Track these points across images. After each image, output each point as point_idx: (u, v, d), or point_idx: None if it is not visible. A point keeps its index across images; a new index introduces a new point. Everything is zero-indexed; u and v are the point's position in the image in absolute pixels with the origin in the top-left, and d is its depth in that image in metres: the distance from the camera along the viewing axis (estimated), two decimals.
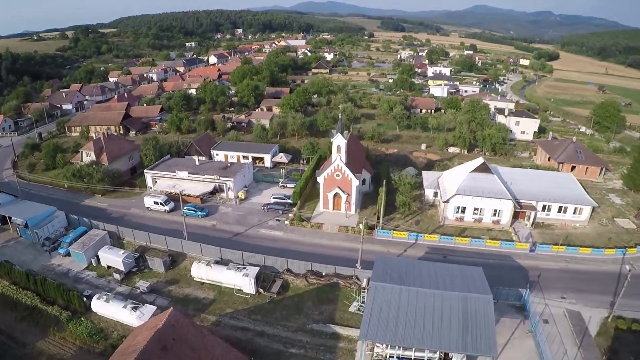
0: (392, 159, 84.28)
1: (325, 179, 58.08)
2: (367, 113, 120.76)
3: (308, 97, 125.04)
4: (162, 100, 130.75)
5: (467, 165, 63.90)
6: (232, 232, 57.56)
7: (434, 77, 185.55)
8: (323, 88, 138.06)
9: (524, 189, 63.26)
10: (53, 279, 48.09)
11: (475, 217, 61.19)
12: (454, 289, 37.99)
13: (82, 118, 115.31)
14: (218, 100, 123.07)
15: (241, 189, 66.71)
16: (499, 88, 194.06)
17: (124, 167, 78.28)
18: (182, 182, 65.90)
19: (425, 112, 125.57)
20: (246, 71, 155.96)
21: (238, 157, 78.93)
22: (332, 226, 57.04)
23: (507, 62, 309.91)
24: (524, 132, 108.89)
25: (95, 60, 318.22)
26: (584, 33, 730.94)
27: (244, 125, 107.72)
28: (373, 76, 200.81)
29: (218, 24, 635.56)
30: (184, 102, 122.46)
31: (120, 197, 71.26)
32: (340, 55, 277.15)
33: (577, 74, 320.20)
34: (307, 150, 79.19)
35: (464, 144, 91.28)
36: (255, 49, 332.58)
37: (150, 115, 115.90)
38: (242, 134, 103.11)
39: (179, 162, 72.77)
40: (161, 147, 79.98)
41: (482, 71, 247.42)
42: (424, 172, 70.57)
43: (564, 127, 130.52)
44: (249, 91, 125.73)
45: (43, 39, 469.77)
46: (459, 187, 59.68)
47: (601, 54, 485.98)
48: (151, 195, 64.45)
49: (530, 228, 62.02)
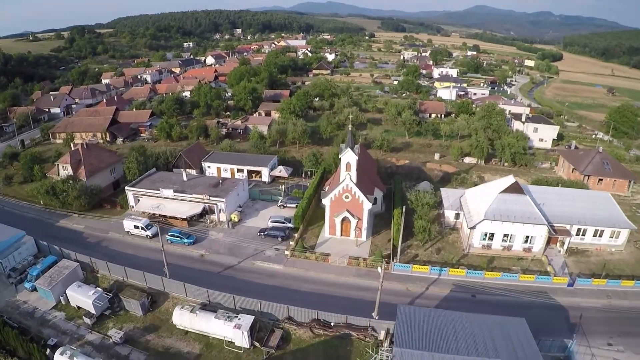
0: (403, 171, 76.07)
1: (332, 201, 49.92)
2: (373, 118, 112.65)
3: (309, 100, 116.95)
4: (153, 104, 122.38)
5: (494, 185, 55.78)
6: (223, 264, 49.33)
7: (441, 79, 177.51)
8: (325, 91, 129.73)
9: (557, 211, 55.29)
10: (16, 322, 41.30)
11: (504, 244, 53.18)
12: (498, 354, 29.98)
13: (67, 124, 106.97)
14: (213, 104, 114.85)
15: (234, 209, 58.49)
16: (508, 90, 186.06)
17: (104, 182, 70.07)
18: (167, 201, 57.66)
19: (435, 117, 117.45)
20: (243, 72, 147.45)
21: (232, 170, 70.67)
22: (341, 257, 48.85)
23: (512, 63, 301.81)
24: (542, 140, 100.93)
25: (90, 61, 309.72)
26: (585, 33, 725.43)
27: (240, 131, 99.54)
28: (376, 78, 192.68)
29: (217, 24, 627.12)
30: (176, 106, 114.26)
31: (99, 217, 63.23)
32: (342, 56, 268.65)
33: (583, 75, 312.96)
34: (310, 163, 70.99)
35: (481, 154, 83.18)
36: (254, 49, 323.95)
37: (139, 120, 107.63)
38: (238, 141, 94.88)
39: (165, 177, 64.47)
40: (147, 159, 71.69)
41: (487, 72, 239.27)
42: (443, 189, 62.38)
43: (580, 133, 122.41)
44: (246, 94, 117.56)
45: (39, 39, 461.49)
46: (488, 211, 51.57)
47: (605, 55, 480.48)
48: (131, 218, 56.23)
49: (564, 255, 54.16)
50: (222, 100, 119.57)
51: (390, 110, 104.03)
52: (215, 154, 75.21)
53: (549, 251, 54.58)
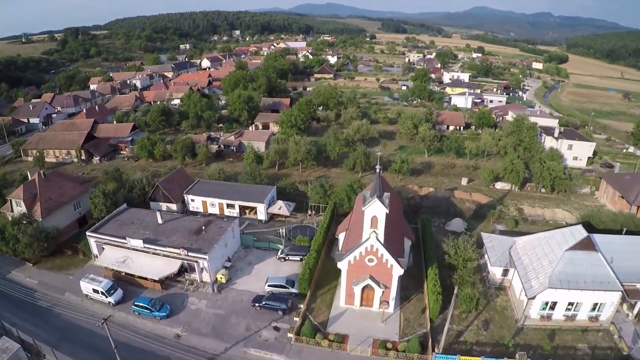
0: (429, 203, 63.51)
1: (350, 265, 37.27)
2: (384, 131, 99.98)
3: (312, 110, 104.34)
4: (137, 114, 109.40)
5: (557, 237, 43.23)
6: (205, 351, 36.63)
7: (452, 84, 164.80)
8: (330, 99, 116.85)
9: (627, 266, 42.78)
10: None
11: (567, 313, 40.87)
12: None
13: (39, 139, 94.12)
14: (203, 115, 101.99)
15: (221, 266, 45.79)
16: (524, 96, 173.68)
17: (67, 220, 57.46)
18: (135, 255, 45.01)
19: (453, 129, 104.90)
20: (239, 78, 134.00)
21: (221, 205, 57.92)
22: (362, 341, 36.23)
23: (523, 66, 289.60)
24: (577, 158, 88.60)
25: (82, 64, 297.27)
26: (587, 34, 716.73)
27: (233, 149, 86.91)
28: (383, 82, 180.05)
29: (215, 25, 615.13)
30: (162, 118, 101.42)
31: (58, 266, 51.25)
32: (345, 58, 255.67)
33: (594, 79, 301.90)
34: (317, 195, 58.25)
35: (517, 179, 70.66)
36: (252, 52, 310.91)
37: (119, 135, 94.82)
38: (230, 161, 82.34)
39: (137, 217, 51.68)
40: (117, 192, 58.89)
41: (497, 76, 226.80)
42: (485, 235, 49.76)
43: (610, 146, 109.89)
44: (241, 104, 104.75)
45: (32, 41, 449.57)
46: (552, 276, 39.22)
47: (610, 57, 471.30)
48: (89, 279, 43.58)
49: (634, 321, 42.09)
50: (214, 111, 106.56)
51: (406, 124, 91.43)
52: (200, 183, 62.23)
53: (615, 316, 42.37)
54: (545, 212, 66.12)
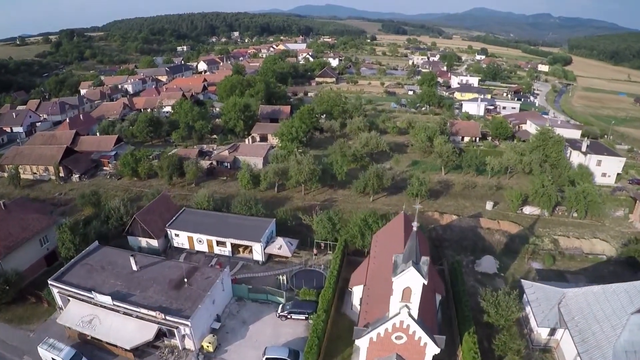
0: (453, 235, 55.07)
1: (372, 343, 28.80)
2: (393, 142, 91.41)
3: (314, 120, 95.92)
4: (124, 124, 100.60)
5: (618, 294, 34.87)
6: None
7: (461, 89, 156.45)
8: (334, 107, 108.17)
9: None
10: None
11: None
12: None
13: (16, 154, 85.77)
14: (195, 125, 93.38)
15: (208, 329, 37.23)
16: (535, 101, 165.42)
17: (31, 259, 49.03)
18: (104, 314, 36.53)
19: (468, 140, 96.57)
20: (235, 84, 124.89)
21: (210, 242, 49.31)
22: None
23: (531, 69, 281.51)
24: (606, 175, 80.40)
25: (76, 67, 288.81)
26: (586, 35, 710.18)
27: (227, 165, 78.43)
28: (388, 86, 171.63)
29: (214, 26, 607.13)
30: (150, 129, 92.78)
31: (19, 318, 43.09)
32: (346, 61, 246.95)
33: (601, 82, 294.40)
34: (324, 229, 49.67)
35: (548, 204, 62.32)
36: (251, 54, 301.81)
37: (102, 149, 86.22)
38: (224, 180, 73.85)
39: (109, 259, 43.11)
40: (88, 223, 50.44)
41: (505, 79, 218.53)
42: (526, 283, 41.28)
43: (633, 158, 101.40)
44: (237, 113, 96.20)
45: (27, 43, 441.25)
46: (617, 348, 30.97)
47: (614, 58, 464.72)
48: (47, 347, 35.14)
49: None
50: (207, 121, 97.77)
51: (419, 136, 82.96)
52: (186, 213, 53.45)
53: None
54: (583, 244, 58.07)
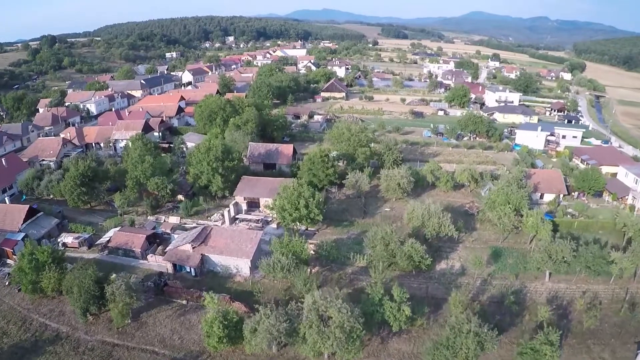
0: None
1: None
2: (447, 204, 60.44)
3: (331, 173, 64.54)
4: (54, 176, 68.42)
5: None
6: None
7: (503, 109, 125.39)
8: (359, 151, 73.92)
9: None
10: None
11: None
12: None
13: None
14: (148, 184, 61.39)
15: None
16: (589, 124, 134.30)
17: None
18: None
19: (551, 201, 65.52)
20: (215, 109, 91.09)
21: None
22: None
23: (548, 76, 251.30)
24: None
25: (51, 77, 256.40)
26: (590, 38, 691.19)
27: (191, 271, 46.74)
28: (411, 103, 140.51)
29: (207, 31, 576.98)
30: (82, 190, 60.66)
31: None
32: (355, 69, 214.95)
33: (626, 92, 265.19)
34: None
35: None
36: (245, 61, 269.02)
37: (7, 227, 54.78)
38: (184, 304, 42.48)
39: None
40: None
41: (537, 92, 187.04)
42: None
43: None
44: (212, 163, 63.67)
45: (5, 50, 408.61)
46: None
47: (627, 64, 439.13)
48: None
49: None
50: (168, 177, 64.86)
51: (503, 212, 51.42)
52: None
53: None
54: None
